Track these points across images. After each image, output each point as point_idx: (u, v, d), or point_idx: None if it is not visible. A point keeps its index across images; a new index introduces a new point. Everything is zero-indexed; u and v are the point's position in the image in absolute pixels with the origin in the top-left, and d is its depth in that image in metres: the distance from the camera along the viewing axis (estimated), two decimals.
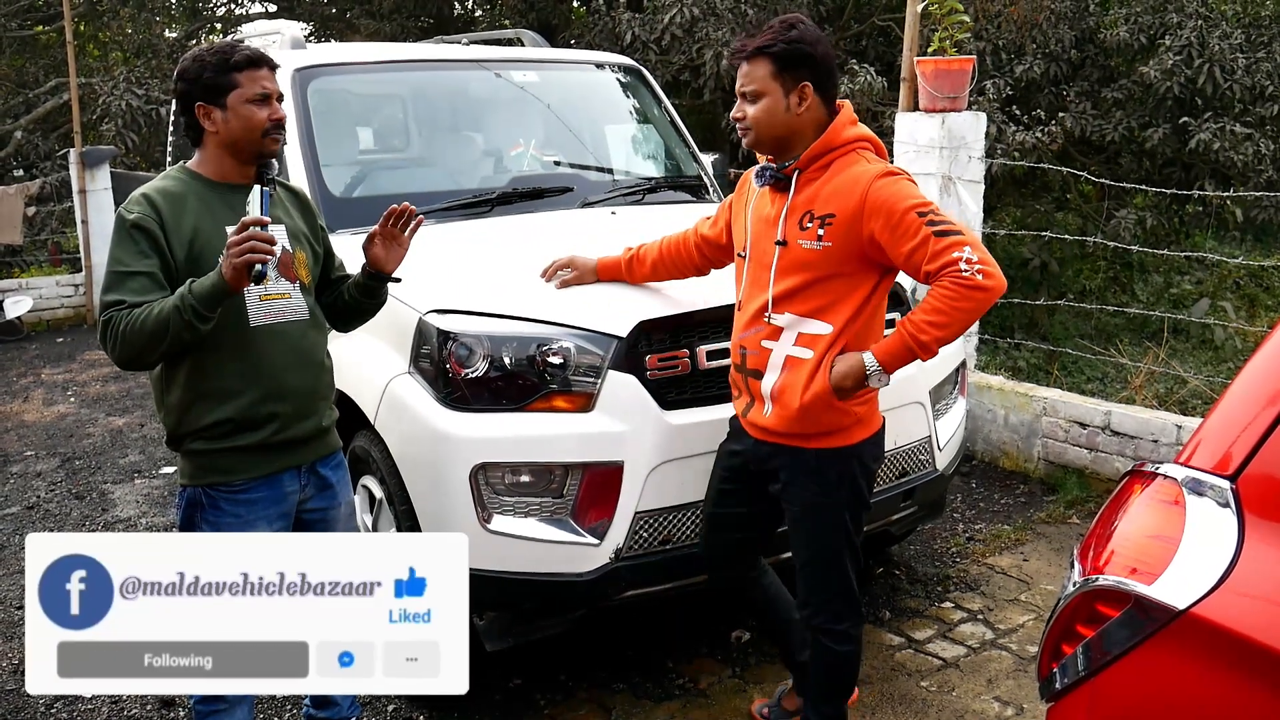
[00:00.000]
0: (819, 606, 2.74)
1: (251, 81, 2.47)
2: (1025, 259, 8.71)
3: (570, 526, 2.91)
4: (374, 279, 2.71)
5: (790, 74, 2.54)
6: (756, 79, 2.57)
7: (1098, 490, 4.86)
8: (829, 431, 2.61)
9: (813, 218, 2.55)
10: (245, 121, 2.47)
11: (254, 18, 13.19)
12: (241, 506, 2.52)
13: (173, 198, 2.44)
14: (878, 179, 2.49)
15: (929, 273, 2.43)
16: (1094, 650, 1.65)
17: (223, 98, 2.46)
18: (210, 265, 2.39)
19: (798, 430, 2.61)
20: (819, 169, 2.58)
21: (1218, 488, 1.63)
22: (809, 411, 2.57)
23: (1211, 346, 7.83)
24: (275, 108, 2.51)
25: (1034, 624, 3.77)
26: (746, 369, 2.69)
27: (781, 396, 2.60)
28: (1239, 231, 9.53)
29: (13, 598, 4.21)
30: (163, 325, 2.29)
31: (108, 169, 9.83)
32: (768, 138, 2.60)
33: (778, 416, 2.62)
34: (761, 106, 2.57)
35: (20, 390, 7.49)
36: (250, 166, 2.54)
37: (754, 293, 2.68)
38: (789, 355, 2.59)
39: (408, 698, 3.37)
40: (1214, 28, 8.01)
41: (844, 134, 2.58)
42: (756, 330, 2.65)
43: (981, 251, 2.42)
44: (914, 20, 5.44)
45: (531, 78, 4.68)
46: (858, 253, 2.52)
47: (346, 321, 2.85)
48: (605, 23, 9.00)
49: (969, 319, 2.44)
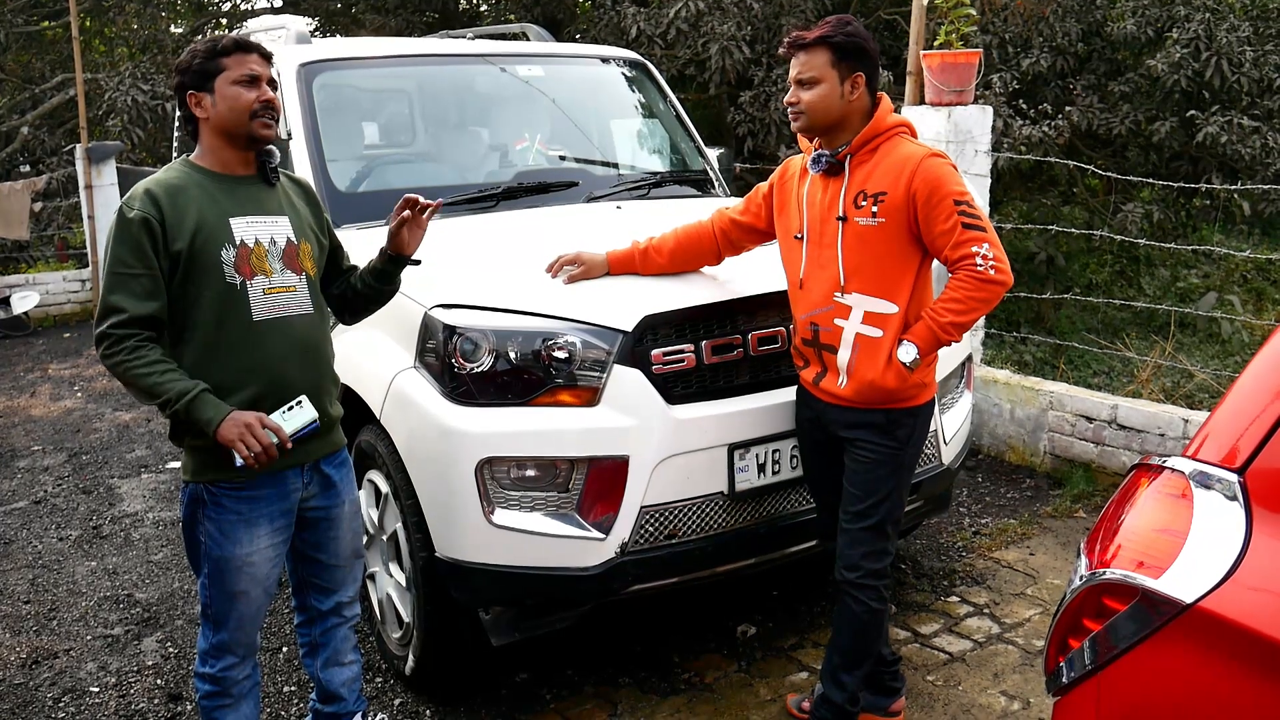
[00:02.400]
0: (861, 557, 2.87)
1: (238, 65, 2.49)
2: (1032, 253, 8.68)
3: (576, 521, 2.91)
4: (394, 262, 2.78)
5: (847, 64, 2.75)
6: (815, 66, 2.76)
7: (1104, 484, 4.85)
8: (903, 398, 2.84)
9: (866, 196, 2.76)
10: (231, 102, 2.47)
11: (259, 12, 13.18)
12: (244, 503, 2.52)
13: (174, 190, 2.44)
14: (927, 158, 2.73)
15: (949, 258, 2.71)
16: (1101, 644, 1.64)
17: (210, 82, 2.48)
18: (213, 254, 2.41)
19: (878, 400, 2.82)
20: (868, 152, 2.80)
21: (1225, 481, 1.63)
22: (888, 388, 2.79)
23: (1218, 340, 7.79)
24: (264, 89, 2.51)
25: (1040, 618, 3.77)
26: (820, 344, 2.88)
27: (857, 372, 2.81)
28: (1246, 225, 9.50)
29: (20, 592, 4.23)
30: (153, 395, 2.36)
31: (114, 164, 9.85)
32: (820, 123, 2.80)
33: (854, 389, 2.82)
34: (817, 92, 2.77)
35: (27, 385, 7.51)
36: (249, 154, 2.55)
37: (818, 271, 2.86)
38: (859, 333, 2.80)
39: (414, 693, 3.38)
40: (1221, 20, 7.97)
41: (888, 120, 2.81)
42: (827, 309, 2.84)
43: (998, 249, 2.70)
44: (920, 14, 5.43)
45: (537, 72, 4.67)
46: (908, 228, 2.75)
47: (355, 312, 2.87)
48: (610, 17, 8.99)
49: (984, 308, 2.72)
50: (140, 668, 3.63)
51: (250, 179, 2.56)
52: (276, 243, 2.53)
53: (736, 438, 3.04)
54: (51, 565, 4.48)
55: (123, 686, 3.52)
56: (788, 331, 3.11)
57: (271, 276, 2.50)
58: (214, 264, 2.43)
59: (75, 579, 4.34)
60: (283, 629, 3.81)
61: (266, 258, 2.50)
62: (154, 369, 2.36)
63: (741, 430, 3.04)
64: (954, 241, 2.68)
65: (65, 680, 3.57)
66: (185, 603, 4.08)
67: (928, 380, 2.90)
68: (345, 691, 2.90)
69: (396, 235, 2.74)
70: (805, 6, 8.56)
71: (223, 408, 2.37)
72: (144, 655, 3.72)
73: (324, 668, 2.87)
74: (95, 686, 3.53)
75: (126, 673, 3.61)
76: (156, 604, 4.09)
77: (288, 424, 2.43)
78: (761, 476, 3.10)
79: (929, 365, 2.89)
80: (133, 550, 4.59)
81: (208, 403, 2.36)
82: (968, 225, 2.67)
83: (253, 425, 2.35)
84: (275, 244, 2.53)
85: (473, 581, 2.97)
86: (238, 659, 2.64)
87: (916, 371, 2.80)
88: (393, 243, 2.75)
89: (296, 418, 2.45)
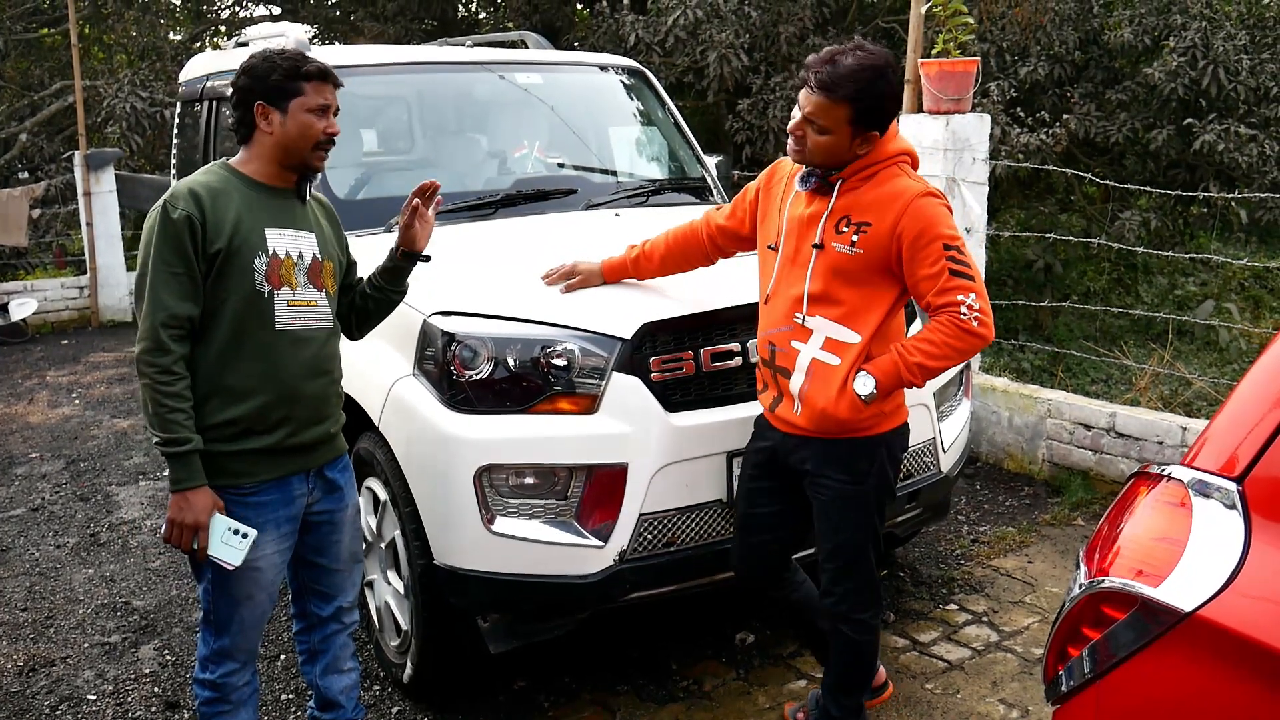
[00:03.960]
0: (842, 595, 2.81)
1: (317, 92, 2.51)
2: (1029, 260, 8.70)
3: (574, 528, 2.91)
4: (407, 258, 2.80)
5: (863, 124, 2.59)
6: (831, 118, 2.58)
7: (1103, 492, 4.85)
8: (859, 428, 2.70)
9: (849, 223, 2.64)
10: (302, 129, 2.50)
11: (258, 20, 13.20)
12: (250, 509, 2.52)
13: (215, 192, 2.46)
14: (921, 196, 2.58)
15: (931, 304, 2.58)
16: (1100, 653, 1.64)
17: (285, 102, 2.49)
18: (247, 259, 2.44)
19: (831, 429, 2.70)
20: (861, 179, 2.66)
21: (1224, 489, 1.63)
22: (839, 418, 2.66)
23: (1216, 348, 7.81)
24: (331, 121, 2.55)
25: (1039, 626, 3.76)
26: (775, 365, 2.77)
27: (809, 399, 2.68)
28: (1243, 233, 9.53)
29: (17, 599, 4.22)
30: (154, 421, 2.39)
31: (112, 171, 9.85)
32: (820, 164, 2.67)
33: (808, 417, 2.70)
34: (826, 141, 2.61)
35: (25, 392, 7.50)
36: (292, 174, 2.58)
37: (785, 289, 2.75)
38: (815, 359, 2.68)
39: (412, 700, 3.37)
40: (1218, 29, 7.99)
41: (889, 148, 2.66)
42: (786, 329, 2.73)
43: (984, 301, 2.57)
44: (918, 22, 5.44)
45: (535, 80, 4.68)
46: (885, 263, 2.62)
47: (363, 323, 2.88)
48: (609, 25, 9.01)
49: (958, 359, 2.58)
50: (138, 675, 3.63)
51: (286, 192, 2.59)
52: (304, 258, 2.56)
53: (735, 445, 3.04)
54: (49, 572, 4.47)
55: (120, 694, 3.51)
56: None
57: (296, 289, 2.52)
58: (246, 269, 2.45)
59: (73, 586, 4.33)
60: (281, 637, 3.81)
61: (294, 271, 2.53)
62: (170, 402, 2.38)
63: (740, 438, 3.04)
64: (939, 288, 2.54)
65: (62, 688, 3.56)
66: (183, 610, 4.07)
67: (886, 409, 2.73)
68: (344, 699, 2.90)
69: (409, 229, 2.76)
70: (803, 14, 8.58)
71: (197, 478, 2.40)
72: (141, 663, 3.71)
73: (323, 675, 2.87)
74: (92, 694, 3.52)
75: (124, 681, 3.60)
76: (154, 612, 4.08)
77: (220, 546, 2.43)
78: None
79: (894, 399, 2.75)
80: (130, 558, 4.58)
81: (191, 465, 2.40)
82: (955, 272, 2.54)
83: (196, 523, 2.39)
84: (303, 259, 2.56)
85: (471, 589, 2.97)
86: (238, 665, 2.64)
87: (873, 403, 2.65)
88: (404, 237, 2.77)
89: (231, 547, 2.44)
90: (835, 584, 2.81)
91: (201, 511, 2.40)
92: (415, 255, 2.81)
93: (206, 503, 2.42)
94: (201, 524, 2.40)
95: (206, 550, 2.42)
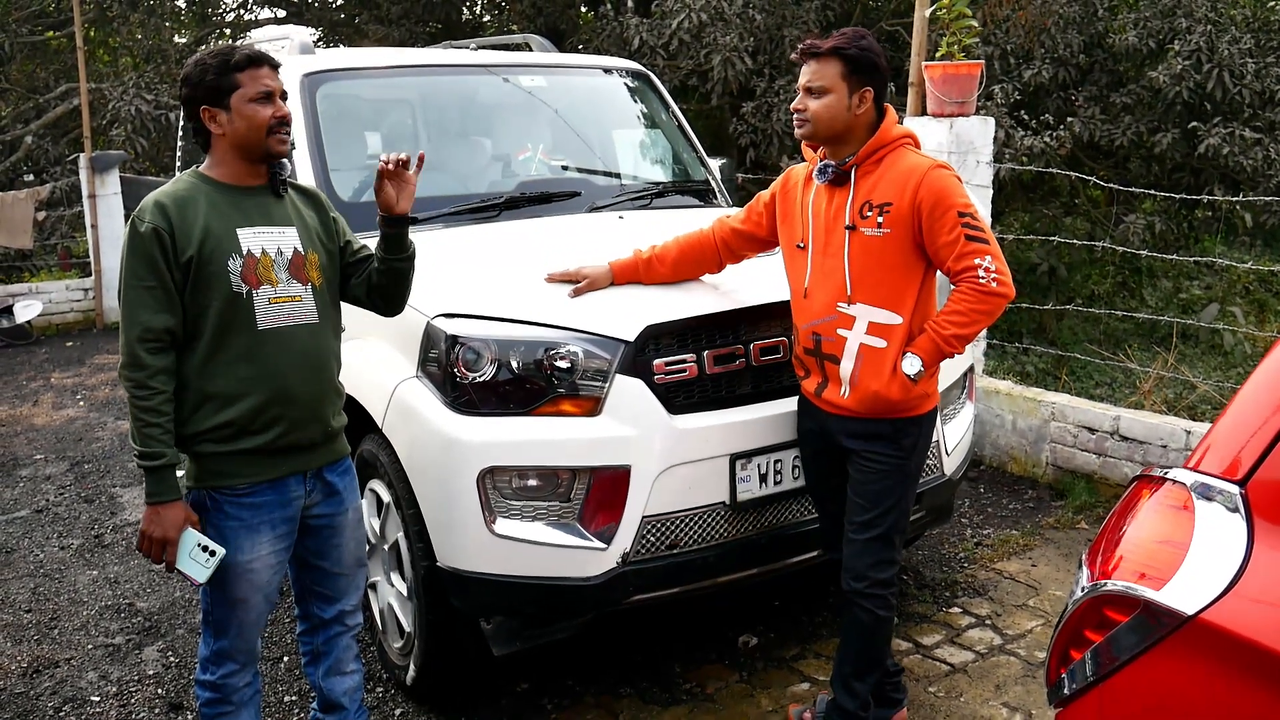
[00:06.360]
0: (867, 568, 2.88)
1: (253, 80, 2.50)
2: (1034, 264, 8.68)
3: (577, 531, 2.91)
4: (391, 224, 2.70)
5: (857, 77, 2.78)
6: (826, 76, 2.78)
7: (1106, 495, 4.84)
8: (908, 408, 2.85)
9: (871, 206, 2.79)
10: (249, 120, 2.49)
11: (263, 23, 13.23)
12: (245, 510, 2.53)
13: (183, 202, 2.46)
14: (932, 169, 2.75)
15: (951, 270, 2.75)
16: (1103, 656, 1.64)
17: (225, 98, 2.49)
18: (221, 262, 2.43)
19: (882, 410, 2.83)
20: (874, 164, 2.82)
21: (1227, 493, 1.63)
22: (892, 400, 2.80)
23: (1221, 352, 7.80)
24: (279, 105, 2.53)
25: (1042, 629, 3.76)
26: (822, 354, 2.89)
27: (861, 382, 2.82)
28: (1248, 236, 9.50)
29: (21, 600, 4.23)
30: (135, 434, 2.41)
31: (117, 174, 9.88)
32: (825, 133, 2.82)
33: (857, 399, 2.83)
34: (825, 102, 2.79)
35: (30, 394, 7.52)
36: (261, 166, 2.57)
37: (823, 280, 2.87)
38: (863, 344, 2.81)
39: (415, 703, 3.37)
40: (1223, 32, 7.99)
41: (893, 131, 2.83)
42: (830, 318, 2.85)
43: (1000, 262, 2.73)
44: (922, 25, 5.44)
45: (539, 83, 4.69)
46: (913, 239, 2.77)
47: (388, 297, 2.80)
48: (613, 28, 9.01)
49: (986, 320, 2.75)
50: (141, 677, 3.63)
51: (259, 190, 2.58)
52: (283, 253, 2.54)
53: (738, 448, 3.04)
54: (53, 574, 4.48)
55: (123, 696, 3.52)
56: (789, 341, 3.11)
57: (277, 286, 2.51)
58: (221, 273, 2.44)
59: (76, 588, 4.34)
60: (284, 638, 3.81)
61: (273, 268, 2.51)
62: (146, 416, 2.40)
63: (743, 440, 3.05)
64: (957, 253, 2.71)
65: (66, 689, 3.57)
66: (186, 612, 4.08)
67: (930, 390, 2.91)
68: (347, 701, 2.90)
69: (381, 194, 2.68)
70: (808, 18, 8.58)
71: (170, 493, 2.43)
72: (145, 664, 3.71)
73: (325, 676, 2.87)
74: (96, 696, 3.53)
75: (127, 682, 3.60)
76: (158, 613, 4.09)
77: (187, 561, 2.45)
78: (763, 487, 3.11)
79: (931, 376, 2.90)
80: (134, 559, 4.59)
81: (165, 479, 2.42)
82: (971, 237, 2.71)
83: (165, 538, 2.43)
84: (282, 254, 2.54)
85: (474, 591, 2.97)
86: (238, 666, 2.64)
87: (920, 382, 2.81)
88: (380, 201, 2.68)
89: (198, 564, 2.46)
90: (862, 555, 2.88)
91: (171, 527, 2.43)
92: (396, 219, 2.70)
93: (178, 518, 2.44)
94: (170, 539, 2.43)
95: (174, 564, 2.45)
